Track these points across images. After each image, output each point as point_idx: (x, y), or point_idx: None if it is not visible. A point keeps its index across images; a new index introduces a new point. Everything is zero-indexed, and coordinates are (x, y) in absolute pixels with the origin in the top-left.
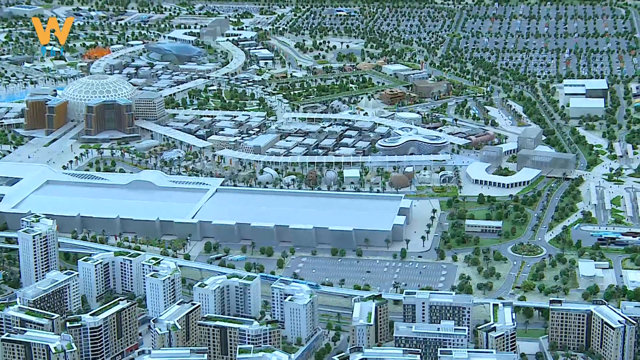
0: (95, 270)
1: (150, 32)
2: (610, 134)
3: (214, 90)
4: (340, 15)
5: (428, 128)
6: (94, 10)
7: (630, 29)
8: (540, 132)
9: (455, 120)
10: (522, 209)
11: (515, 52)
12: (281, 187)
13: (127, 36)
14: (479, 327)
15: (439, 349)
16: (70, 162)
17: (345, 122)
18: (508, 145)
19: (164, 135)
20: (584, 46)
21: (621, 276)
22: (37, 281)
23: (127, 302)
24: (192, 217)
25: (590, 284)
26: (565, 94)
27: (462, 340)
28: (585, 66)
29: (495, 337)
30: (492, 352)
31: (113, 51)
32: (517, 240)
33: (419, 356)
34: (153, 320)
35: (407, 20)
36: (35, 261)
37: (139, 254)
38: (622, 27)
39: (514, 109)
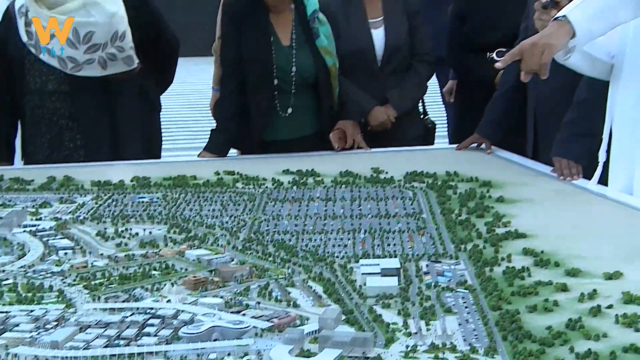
0: None
1: None
2: (404, 311)
3: (9, 284)
4: (143, 202)
5: (231, 312)
6: None
7: (417, 209)
8: (339, 312)
9: (258, 303)
10: None
11: (314, 234)
12: None
13: None
14: None
15: None
16: None
17: (148, 311)
18: (309, 326)
19: None
20: (377, 227)
21: None
22: None
23: None
24: None
25: None
26: (362, 274)
27: None
28: (380, 246)
29: None
30: None
31: None
32: None
33: None
34: None
35: (209, 204)
36: None
37: None
38: (411, 208)
39: (314, 289)
